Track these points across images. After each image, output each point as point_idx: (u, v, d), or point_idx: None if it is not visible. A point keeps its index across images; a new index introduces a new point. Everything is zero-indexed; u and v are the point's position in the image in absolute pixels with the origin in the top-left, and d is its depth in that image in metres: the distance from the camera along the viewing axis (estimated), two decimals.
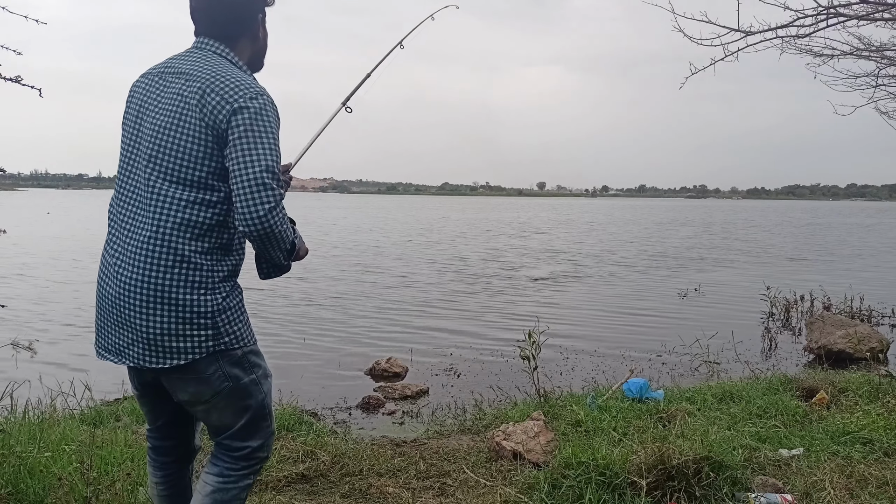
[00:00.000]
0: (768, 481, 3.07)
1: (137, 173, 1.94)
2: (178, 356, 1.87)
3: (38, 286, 11.98)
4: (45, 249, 18.69)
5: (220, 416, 2.01)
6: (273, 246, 1.88)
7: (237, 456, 2.04)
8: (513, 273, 15.06)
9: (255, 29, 2.08)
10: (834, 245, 24.66)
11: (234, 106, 1.84)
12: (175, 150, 1.87)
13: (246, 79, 1.93)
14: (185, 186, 1.87)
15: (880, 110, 5.98)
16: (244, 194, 1.79)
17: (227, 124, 1.84)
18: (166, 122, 1.89)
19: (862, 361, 6.53)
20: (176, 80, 1.92)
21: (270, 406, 2.10)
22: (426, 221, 40.84)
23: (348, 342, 7.95)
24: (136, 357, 1.90)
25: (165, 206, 1.87)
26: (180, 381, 1.94)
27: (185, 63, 1.96)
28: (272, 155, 1.84)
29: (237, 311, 1.96)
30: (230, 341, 1.93)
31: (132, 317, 1.87)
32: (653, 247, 22.94)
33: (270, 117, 1.88)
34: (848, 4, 4.50)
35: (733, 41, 4.56)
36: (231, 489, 2.02)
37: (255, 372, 2.02)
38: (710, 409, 4.39)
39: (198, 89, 1.87)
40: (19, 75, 2.90)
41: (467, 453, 3.80)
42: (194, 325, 1.87)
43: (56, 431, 3.61)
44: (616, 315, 9.95)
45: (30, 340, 7.40)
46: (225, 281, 1.94)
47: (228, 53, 2.01)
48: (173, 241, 1.86)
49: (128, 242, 1.91)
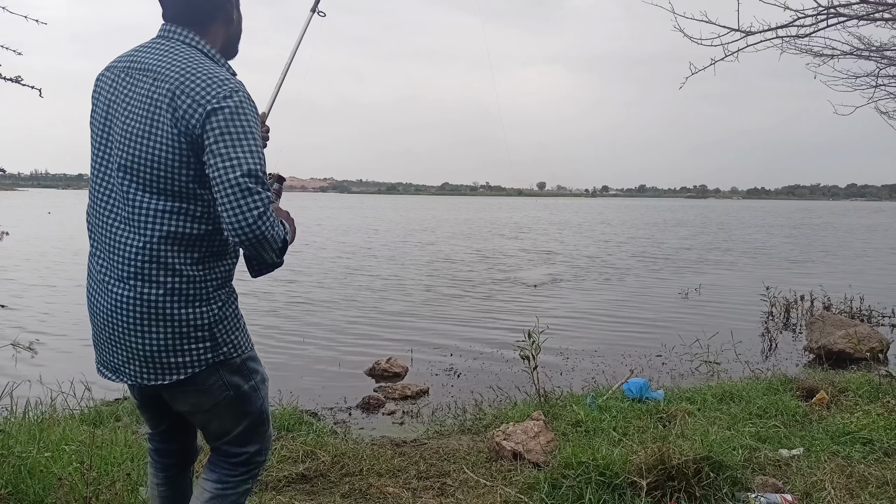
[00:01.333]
0: (768, 481, 3.07)
1: (112, 181, 1.83)
2: (178, 372, 1.82)
3: (39, 286, 11.97)
4: (45, 249, 18.69)
5: (220, 424, 1.98)
6: (265, 250, 1.76)
7: (235, 462, 2.01)
8: (513, 273, 15.06)
9: (228, 11, 1.94)
10: (833, 245, 24.66)
11: (208, 108, 1.70)
12: (149, 160, 1.75)
13: (218, 74, 1.77)
14: (166, 197, 1.77)
15: (880, 110, 5.98)
16: (229, 203, 1.67)
17: (202, 129, 1.70)
18: (137, 128, 1.77)
19: (862, 361, 6.53)
20: (144, 79, 1.78)
21: (268, 411, 2.07)
22: (424, 222, 40.84)
23: (348, 342, 7.95)
24: (134, 374, 1.84)
25: (149, 218, 1.77)
26: (180, 393, 1.90)
27: (151, 56, 1.81)
28: (253, 157, 1.70)
29: (234, 318, 1.91)
30: (229, 351, 1.88)
31: (127, 334, 1.81)
32: (653, 247, 22.94)
33: (248, 116, 1.74)
34: (848, 4, 4.50)
35: (733, 41, 4.56)
36: (230, 494, 2.00)
37: (253, 378, 1.98)
38: (710, 409, 4.39)
39: (167, 91, 1.73)
40: (19, 75, 2.90)
41: (467, 453, 3.80)
42: (192, 339, 1.81)
43: (56, 431, 3.61)
44: (616, 315, 9.95)
45: (30, 340, 7.38)
46: (220, 289, 1.87)
47: (199, 42, 1.86)
48: (162, 255, 1.77)
49: (114, 257, 1.81)
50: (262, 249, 1.74)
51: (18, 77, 2.90)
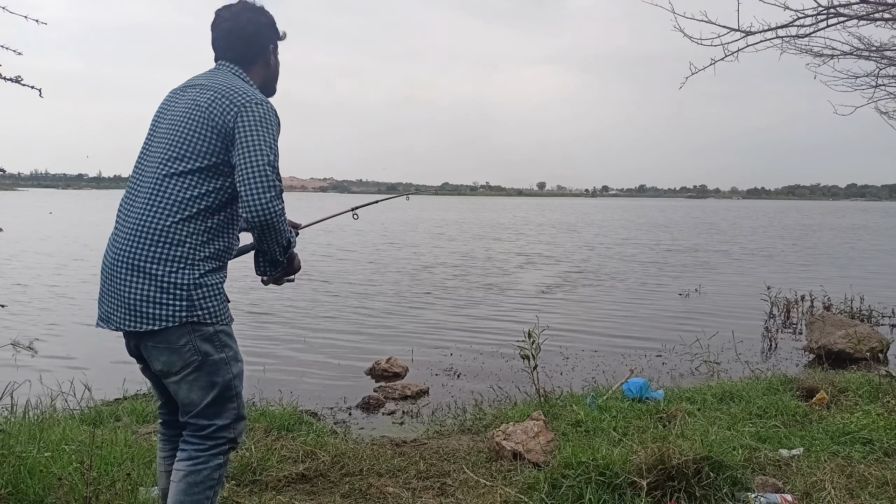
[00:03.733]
0: (768, 481, 3.07)
1: (145, 164, 2.20)
2: (153, 321, 2.05)
3: (40, 286, 11.97)
4: (47, 249, 18.69)
5: (188, 391, 2.14)
6: (271, 237, 2.11)
7: (203, 435, 2.16)
8: (513, 273, 15.07)
9: (266, 56, 2.37)
10: (834, 246, 24.66)
11: (241, 108, 2.10)
12: (179, 142, 2.12)
13: (253, 90, 2.20)
14: (182, 174, 2.10)
15: (880, 110, 5.98)
16: (250, 184, 2.03)
17: (234, 123, 2.09)
18: (177, 119, 2.16)
19: (862, 361, 6.53)
20: (193, 90, 2.20)
21: (239, 390, 2.22)
22: (424, 222, 40.83)
23: (348, 342, 7.95)
24: (119, 321, 2.10)
25: (163, 189, 2.10)
26: (154, 349, 2.11)
27: (203, 78, 2.26)
28: (273, 153, 2.09)
29: (214, 289, 2.12)
30: (203, 315, 2.09)
31: (118, 285, 2.09)
32: (653, 247, 22.94)
33: (272, 122, 2.14)
34: (848, 4, 4.50)
35: (733, 41, 4.56)
36: (202, 469, 2.14)
37: (224, 352, 2.16)
38: (710, 409, 4.39)
39: (210, 96, 2.15)
40: (19, 75, 2.90)
41: (467, 453, 3.80)
42: (170, 295, 2.05)
43: (56, 431, 3.61)
44: (616, 315, 9.95)
45: (30, 340, 7.39)
46: (206, 261, 2.11)
47: (242, 74, 2.29)
48: (161, 220, 2.08)
49: (126, 221, 2.14)
50: (269, 233, 2.09)
51: (18, 77, 2.90)
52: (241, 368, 2.24)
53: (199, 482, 2.13)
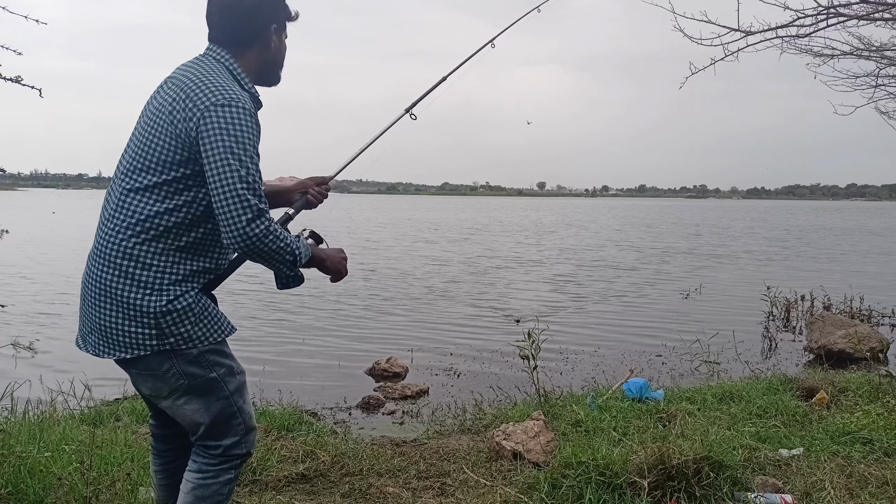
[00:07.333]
0: (768, 481, 3.07)
1: (116, 174, 2.01)
2: (124, 350, 1.91)
3: (40, 286, 11.97)
4: (47, 249, 18.70)
5: (184, 414, 2.02)
6: (266, 260, 1.86)
7: (213, 454, 2.05)
8: (513, 273, 15.06)
9: (266, 38, 2.04)
10: (834, 246, 24.66)
11: (203, 113, 1.82)
12: (141, 152, 1.91)
13: (223, 86, 1.87)
14: (144, 189, 1.89)
15: (880, 110, 5.99)
16: (221, 207, 1.79)
17: (196, 133, 1.82)
18: (144, 124, 1.95)
19: (862, 361, 6.52)
20: (166, 86, 1.96)
21: (241, 404, 2.07)
22: (425, 222, 40.86)
23: (348, 342, 7.94)
24: (94, 346, 1.97)
25: (124, 206, 1.91)
26: (138, 375, 2.00)
27: (182, 69, 1.98)
28: (244, 166, 1.80)
29: (186, 313, 1.91)
30: (176, 342, 1.91)
31: (90, 306, 1.94)
32: (654, 247, 22.94)
33: (243, 126, 1.83)
34: (848, 4, 4.50)
35: (733, 41, 4.57)
36: (211, 484, 2.05)
37: (215, 370, 1.99)
38: (710, 409, 4.39)
39: (174, 97, 1.88)
40: (19, 75, 2.91)
41: (467, 453, 3.80)
42: (137, 324, 1.88)
43: (56, 431, 3.61)
44: (616, 315, 9.94)
45: (30, 340, 7.41)
46: (178, 284, 1.91)
47: (231, 63, 1.99)
48: (124, 241, 1.89)
49: (96, 238, 1.99)
50: (261, 258, 1.85)
51: (18, 77, 2.91)
52: (241, 381, 2.07)
53: (207, 497, 2.03)
